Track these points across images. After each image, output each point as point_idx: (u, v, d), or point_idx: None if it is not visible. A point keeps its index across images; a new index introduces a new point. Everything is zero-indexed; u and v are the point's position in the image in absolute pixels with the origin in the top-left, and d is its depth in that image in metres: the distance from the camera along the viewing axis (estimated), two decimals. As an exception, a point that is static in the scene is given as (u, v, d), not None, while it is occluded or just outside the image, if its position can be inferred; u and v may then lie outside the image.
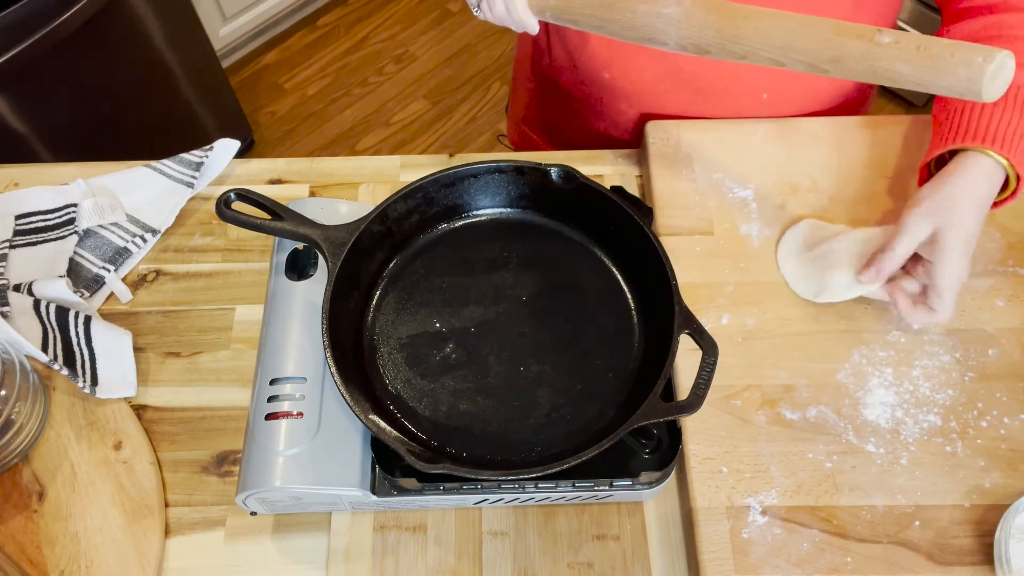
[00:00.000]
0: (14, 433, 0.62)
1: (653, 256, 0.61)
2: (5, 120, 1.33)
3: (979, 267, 0.73)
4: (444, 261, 0.68)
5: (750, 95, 0.82)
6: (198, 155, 0.82)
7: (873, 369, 0.67)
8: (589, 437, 0.59)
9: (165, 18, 1.51)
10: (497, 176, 0.68)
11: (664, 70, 0.82)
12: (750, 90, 0.82)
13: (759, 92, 0.82)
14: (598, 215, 0.66)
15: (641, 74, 0.83)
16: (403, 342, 0.64)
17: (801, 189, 0.78)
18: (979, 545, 0.60)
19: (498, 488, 0.60)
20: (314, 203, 0.69)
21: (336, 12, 2.28)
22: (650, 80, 0.83)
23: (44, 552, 0.61)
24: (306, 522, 0.64)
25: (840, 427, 0.65)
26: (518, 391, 0.61)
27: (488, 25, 2.26)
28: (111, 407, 0.68)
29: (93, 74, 1.43)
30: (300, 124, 2.08)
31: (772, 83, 0.81)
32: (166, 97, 1.63)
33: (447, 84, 2.16)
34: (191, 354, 0.73)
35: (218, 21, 1.96)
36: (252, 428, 0.59)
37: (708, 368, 0.57)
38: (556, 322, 0.64)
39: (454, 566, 0.62)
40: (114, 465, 0.65)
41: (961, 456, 0.63)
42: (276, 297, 0.65)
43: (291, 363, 0.61)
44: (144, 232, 0.78)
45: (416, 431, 0.60)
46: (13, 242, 0.77)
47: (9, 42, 1.22)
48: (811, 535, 0.60)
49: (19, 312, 0.71)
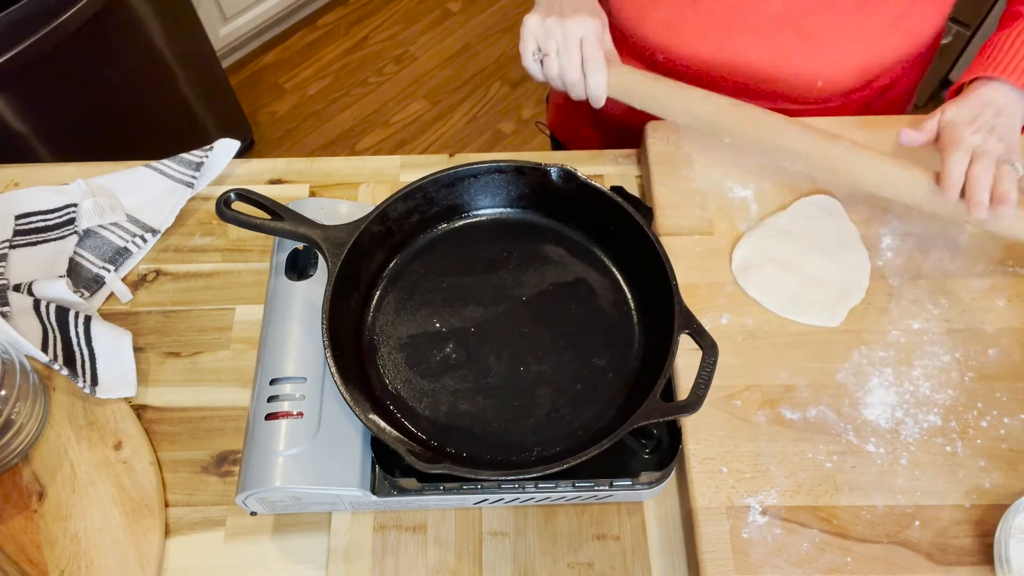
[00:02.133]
0: (14, 433, 0.63)
1: (653, 256, 0.61)
2: (5, 120, 1.33)
3: (979, 267, 0.73)
4: (444, 261, 0.68)
5: (805, 84, 0.82)
6: (198, 155, 0.82)
7: (873, 369, 0.67)
8: (589, 437, 0.59)
9: (165, 18, 1.51)
10: (497, 176, 0.68)
11: (719, 55, 0.81)
12: (805, 77, 0.82)
13: (815, 80, 0.82)
14: (598, 215, 0.66)
15: (695, 58, 0.83)
16: (403, 342, 0.64)
17: (801, 189, 0.78)
18: (979, 545, 0.60)
19: (498, 488, 0.60)
20: (314, 203, 0.69)
21: (336, 12, 2.28)
22: (704, 65, 0.83)
23: (44, 552, 0.61)
24: (306, 522, 0.64)
25: (840, 427, 0.65)
26: (518, 391, 0.61)
27: (488, 25, 2.26)
28: (111, 407, 0.68)
29: (93, 74, 1.43)
30: (300, 124, 2.08)
31: (827, 70, 0.81)
32: (166, 97, 1.63)
33: (447, 84, 2.16)
34: (191, 354, 0.73)
35: (218, 21, 1.96)
36: (252, 428, 0.59)
37: (708, 368, 0.57)
38: (556, 322, 0.64)
39: (454, 566, 0.62)
40: (114, 465, 0.65)
41: (961, 456, 0.63)
42: (276, 297, 0.65)
43: (291, 363, 0.61)
44: (144, 232, 0.78)
45: (416, 431, 0.60)
46: (13, 242, 0.77)
47: (9, 42, 1.22)
48: (811, 535, 0.60)
49: (19, 312, 0.71)
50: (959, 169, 0.66)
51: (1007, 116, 0.70)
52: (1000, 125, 0.69)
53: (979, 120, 0.69)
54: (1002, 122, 0.69)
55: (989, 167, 0.65)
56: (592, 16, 0.75)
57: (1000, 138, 0.68)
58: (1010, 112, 0.71)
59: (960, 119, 0.70)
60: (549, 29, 0.75)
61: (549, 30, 0.75)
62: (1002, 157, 0.66)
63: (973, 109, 0.70)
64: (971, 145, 0.67)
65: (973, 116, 0.70)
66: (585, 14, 0.75)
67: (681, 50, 0.83)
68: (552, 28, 0.75)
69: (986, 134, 0.68)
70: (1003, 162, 0.66)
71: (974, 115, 0.70)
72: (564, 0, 0.76)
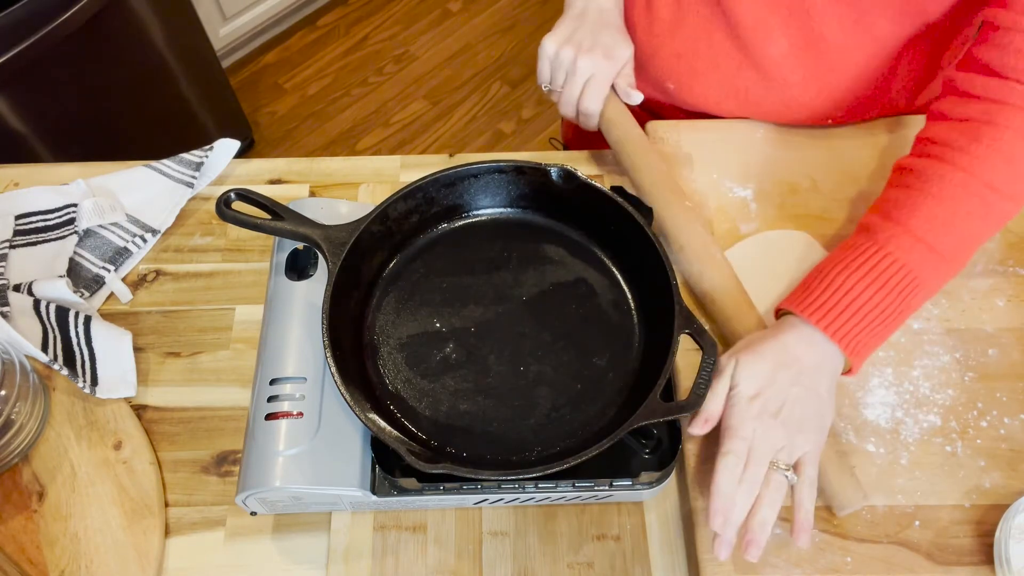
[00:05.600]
0: (14, 433, 0.62)
1: (653, 256, 0.61)
2: (5, 120, 1.33)
3: (979, 267, 0.73)
4: (444, 261, 0.68)
5: (814, 120, 0.81)
6: (198, 155, 0.82)
7: (873, 369, 0.67)
8: (589, 437, 0.59)
9: (165, 18, 1.51)
10: (497, 176, 0.68)
11: (729, 89, 0.81)
12: (815, 116, 0.81)
13: (825, 119, 0.81)
14: (598, 215, 0.66)
15: (706, 89, 0.82)
16: (403, 342, 0.64)
17: (801, 189, 0.78)
18: (979, 545, 0.60)
19: (498, 488, 0.60)
20: (314, 203, 0.69)
21: (336, 12, 2.28)
22: (714, 97, 0.82)
23: (44, 552, 0.61)
24: (306, 522, 0.64)
25: (840, 427, 0.65)
26: (518, 391, 0.61)
27: (488, 25, 2.27)
28: (111, 407, 0.68)
29: (93, 74, 1.43)
30: (300, 124, 2.08)
31: (839, 109, 0.80)
32: (166, 97, 1.63)
33: (447, 84, 2.16)
34: (191, 354, 0.73)
35: (218, 21, 1.96)
36: (252, 428, 0.59)
37: (708, 368, 0.57)
38: (556, 322, 0.64)
39: (454, 566, 0.62)
40: (114, 465, 0.65)
41: (961, 456, 0.63)
42: (276, 297, 0.65)
43: (291, 363, 0.61)
44: (144, 232, 0.78)
45: (416, 431, 0.60)
46: (13, 242, 0.77)
47: (9, 42, 1.22)
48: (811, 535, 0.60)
49: (19, 312, 0.71)
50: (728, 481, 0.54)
51: (807, 381, 0.58)
52: (791, 399, 0.57)
53: (765, 393, 0.57)
54: (795, 393, 0.57)
55: (753, 481, 0.55)
56: (607, 59, 0.76)
57: (785, 421, 0.56)
58: (812, 377, 0.58)
59: (745, 390, 0.57)
60: (561, 61, 0.76)
61: (560, 62, 0.76)
62: (778, 454, 0.56)
63: (764, 370, 0.58)
64: (747, 437, 0.56)
65: (760, 386, 0.57)
66: (599, 54, 0.75)
67: (691, 81, 0.82)
68: (564, 61, 0.76)
69: (769, 418, 0.56)
70: (772, 468, 0.55)
71: (761, 383, 0.57)
72: (589, 26, 0.77)
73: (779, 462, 0.56)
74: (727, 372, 0.59)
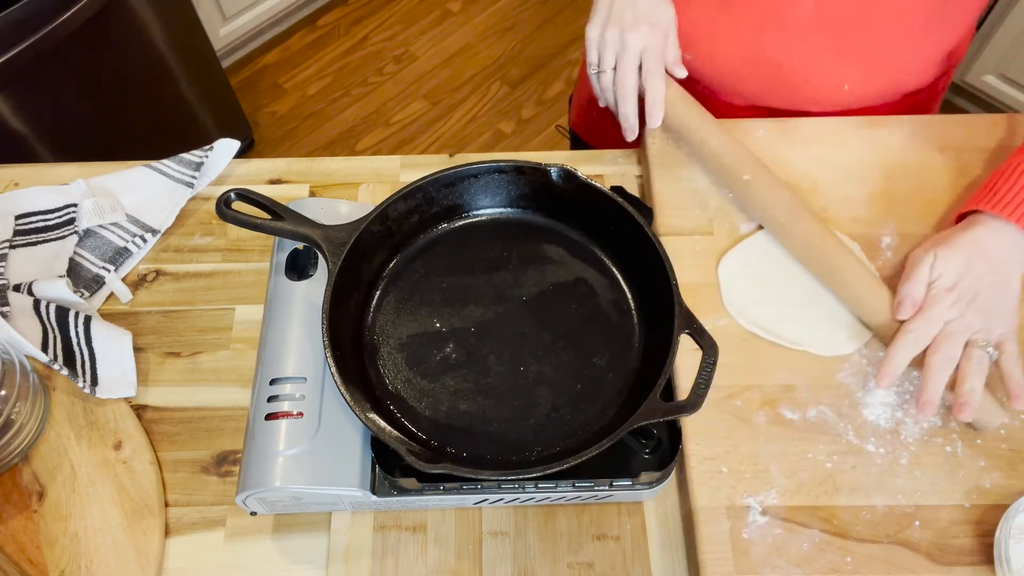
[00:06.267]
0: (14, 433, 0.63)
1: (653, 256, 0.61)
2: (5, 120, 1.33)
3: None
4: (444, 261, 0.68)
5: (833, 85, 0.81)
6: (198, 155, 0.82)
7: (873, 369, 0.67)
8: (589, 437, 0.59)
9: (165, 18, 1.51)
10: (497, 176, 0.68)
11: (748, 54, 0.81)
12: (834, 80, 0.81)
13: (842, 83, 0.81)
14: (598, 215, 0.66)
15: (724, 57, 0.82)
16: (403, 342, 0.64)
17: (801, 189, 0.78)
18: (979, 545, 0.60)
19: (498, 488, 0.60)
20: (314, 203, 0.69)
21: (336, 12, 2.28)
22: (732, 64, 0.82)
23: (44, 552, 0.61)
24: (306, 522, 0.64)
25: (840, 427, 0.65)
26: (518, 391, 0.61)
27: (488, 25, 2.27)
28: (111, 407, 0.68)
29: (93, 74, 1.43)
30: (300, 124, 2.08)
31: (856, 74, 0.80)
32: (166, 97, 1.63)
33: (447, 84, 2.16)
34: (191, 354, 0.73)
35: (218, 21, 1.96)
36: (252, 428, 0.59)
37: (708, 368, 0.57)
38: (556, 322, 0.64)
39: (454, 566, 0.62)
40: (114, 465, 0.65)
41: (961, 456, 0.63)
42: (276, 297, 0.65)
43: (291, 363, 0.61)
44: (144, 232, 0.78)
45: (416, 431, 0.60)
46: (13, 242, 0.77)
47: (9, 42, 1.22)
48: (811, 535, 0.60)
49: (19, 312, 0.71)
50: (904, 353, 0.62)
51: (1000, 273, 0.63)
52: (985, 288, 0.62)
53: (962, 284, 0.63)
54: (988, 282, 0.63)
55: (949, 359, 0.61)
56: (652, 27, 0.74)
57: (979, 308, 0.62)
58: (1004, 269, 0.64)
59: (944, 282, 0.63)
60: (607, 42, 0.75)
61: (607, 43, 0.75)
62: (976, 335, 0.62)
63: (961, 263, 0.64)
64: (941, 319, 0.62)
65: (958, 276, 0.63)
66: (644, 25, 0.74)
67: (710, 49, 0.82)
68: (612, 41, 0.75)
69: (964, 306, 0.62)
70: (972, 345, 0.61)
71: (959, 274, 0.63)
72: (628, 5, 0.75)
73: (978, 340, 0.61)
74: (926, 263, 0.64)
